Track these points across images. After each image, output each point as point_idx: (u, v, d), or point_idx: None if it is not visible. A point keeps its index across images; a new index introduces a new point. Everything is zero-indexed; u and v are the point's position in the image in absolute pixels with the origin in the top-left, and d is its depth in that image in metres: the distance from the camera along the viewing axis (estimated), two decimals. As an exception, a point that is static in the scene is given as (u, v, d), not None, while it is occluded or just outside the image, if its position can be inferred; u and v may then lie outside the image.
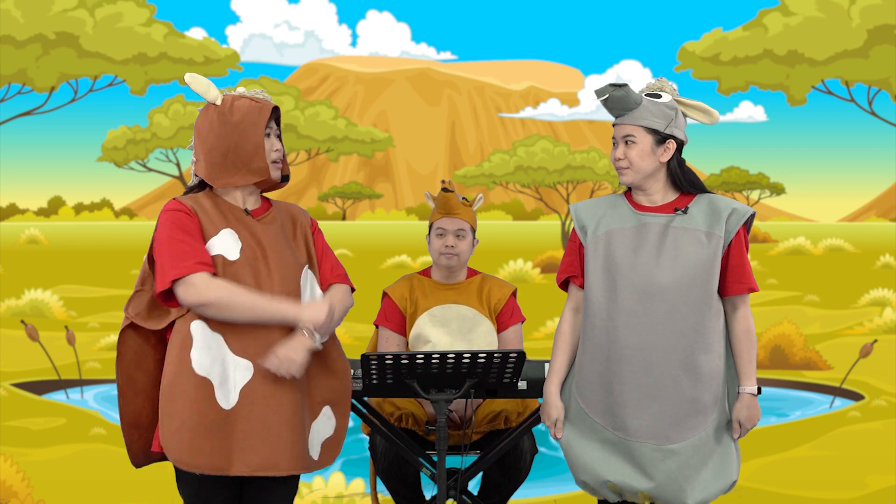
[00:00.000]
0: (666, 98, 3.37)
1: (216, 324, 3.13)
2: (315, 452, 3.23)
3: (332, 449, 3.29)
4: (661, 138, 3.34)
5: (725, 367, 3.37)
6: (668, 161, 3.37)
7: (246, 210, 3.26)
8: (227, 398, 3.10)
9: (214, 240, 3.18)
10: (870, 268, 24.23)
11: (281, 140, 3.31)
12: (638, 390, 3.29)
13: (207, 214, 3.21)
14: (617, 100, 3.33)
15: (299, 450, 3.15)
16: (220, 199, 3.26)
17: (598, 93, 3.35)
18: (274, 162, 3.25)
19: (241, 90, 3.29)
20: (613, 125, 3.41)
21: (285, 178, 3.36)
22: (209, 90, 3.26)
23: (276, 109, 3.28)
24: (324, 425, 3.27)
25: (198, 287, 3.09)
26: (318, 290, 3.31)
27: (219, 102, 3.24)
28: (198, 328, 3.13)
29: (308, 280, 3.28)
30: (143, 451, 3.29)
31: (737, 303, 3.38)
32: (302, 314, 3.13)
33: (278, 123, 3.31)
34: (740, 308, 3.38)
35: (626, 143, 3.35)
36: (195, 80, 3.27)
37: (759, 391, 3.41)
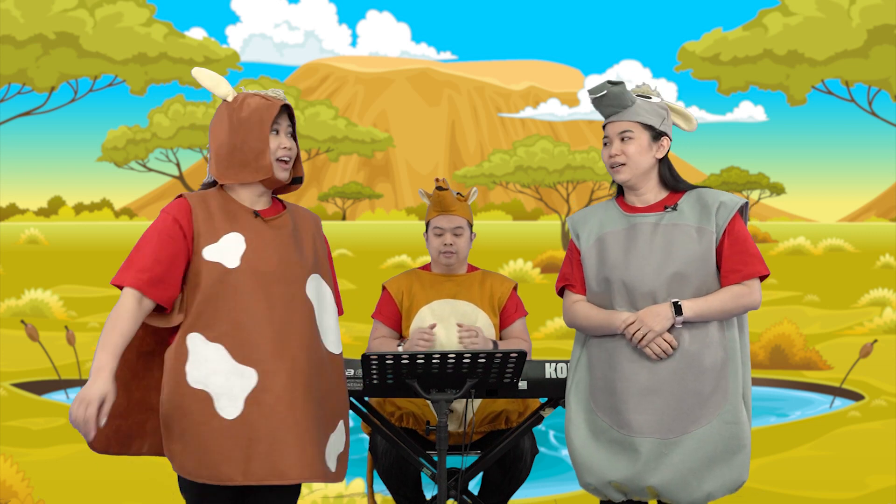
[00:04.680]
0: (656, 99, 3.40)
1: (214, 335, 3.06)
2: (332, 464, 3.18)
3: (343, 463, 3.25)
4: (656, 135, 3.37)
5: (739, 363, 3.33)
6: (661, 159, 3.38)
7: (255, 212, 3.18)
8: (230, 408, 3.04)
9: (213, 247, 3.11)
10: (870, 268, 24.20)
11: (295, 141, 3.24)
12: (638, 385, 3.29)
13: (212, 217, 3.14)
14: (614, 96, 3.33)
15: (309, 457, 3.07)
16: (230, 198, 3.20)
17: (594, 90, 3.35)
18: (279, 160, 3.18)
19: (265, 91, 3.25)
20: (605, 125, 3.41)
21: (298, 181, 3.29)
22: (218, 86, 3.20)
23: (287, 107, 3.21)
24: (339, 439, 3.23)
25: (121, 297, 3.07)
26: (329, 298, 3.26)
27: (229, 99, 3.19)
28: (194, 340, 3.07)
29: (316, 287, 3.22)
30: (104, 437, 3.18)
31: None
32: (89, 389, 2.93)
33: (293, 123, 3.24)
34: (746, 285, 3.32)
35: (623, 139, 3.36)
36: (202, 75, 3.21)
37: (681, 316, 3.26)
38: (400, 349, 4.08)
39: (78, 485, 6.10)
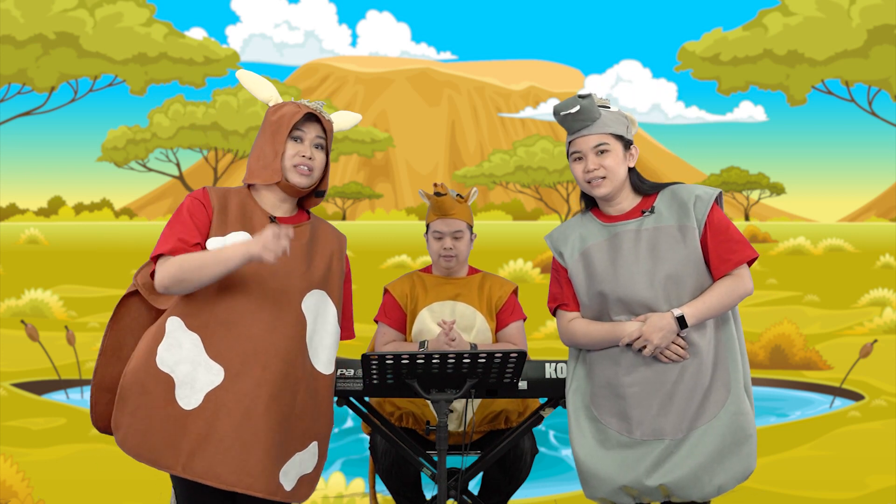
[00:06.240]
0: (614, 108, 3.39)
1: (195, 324, 3.08)
2: (289, 483, 3.13)
3: (307, 485, 3.21)
4: (626, 144, 3.36)
5: (738, 354, 3.33)
6: (632, 167, 3.39)
7: (272, 217, 3.21)
8: (189, 399, 3.04)
9: (217, 240, 3.13)
10: (870, 268, 24.19)
11: (325, 153, 3.25)
12: (645, 388, 3.29)
13: (226, 212, 3.17)
14: (586, 109, 3.32)
15: (252, 468, 3.04)
16: (251, 199, 3.24)
17: (565, 106, 3.33)
18: (296, 166, 3.20)
19: (305, 101, 3.28)
20: (572, 140, 3.37)
21: (320, 194, 3.31)
22: (260, 90, 3.26)
23: (320, 119, 3.23)
24: (308, 460, 3.20)
25: (160, 269, 3.07)
26: (331, 317, 3.25)
27: (271, 104, 3.26)
28: (173, 324, 3.09)
29: (316, 303, 3.21)
30: (106, 416, 3.21)
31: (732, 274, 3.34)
32: (251, 246, 2.99)
33: (327, 136, 3.25)
34: (736, 275, 3.33)
35: (600, 152, 3.34)
36: (245, 77, 3.27)
37: (685, 325, 3.26)
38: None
39: (78, 485, 6.10)
